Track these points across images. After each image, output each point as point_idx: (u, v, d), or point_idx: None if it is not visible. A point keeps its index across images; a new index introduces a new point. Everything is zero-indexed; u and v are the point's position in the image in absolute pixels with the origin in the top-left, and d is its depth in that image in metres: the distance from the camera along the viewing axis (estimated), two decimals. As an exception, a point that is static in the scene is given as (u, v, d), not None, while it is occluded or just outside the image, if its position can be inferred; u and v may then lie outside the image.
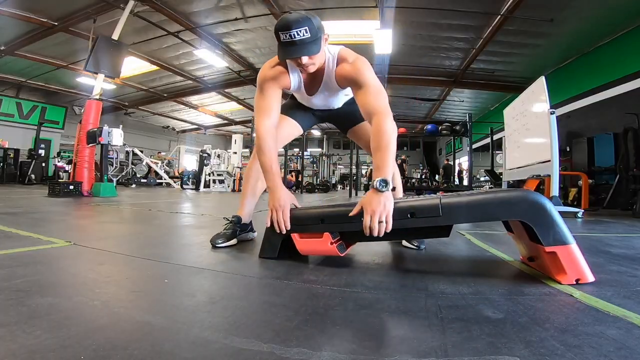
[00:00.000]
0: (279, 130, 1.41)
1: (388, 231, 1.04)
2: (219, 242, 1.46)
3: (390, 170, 1.11)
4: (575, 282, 0.99)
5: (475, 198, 1.06)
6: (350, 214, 1.11)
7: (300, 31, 1.08)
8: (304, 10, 6.24)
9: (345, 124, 1.72)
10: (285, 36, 1.10)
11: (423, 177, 10.90)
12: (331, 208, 1.23)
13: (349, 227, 1.14)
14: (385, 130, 1.15)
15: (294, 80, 1.37)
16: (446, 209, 1.05)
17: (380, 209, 1.04)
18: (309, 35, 1.10)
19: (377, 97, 1.23)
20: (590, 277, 1.00)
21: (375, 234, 1.03)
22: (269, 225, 1.24)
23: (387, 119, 1.17)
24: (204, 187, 9.51)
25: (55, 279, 0.94)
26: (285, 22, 1.10)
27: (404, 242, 1.61)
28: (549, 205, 1.00)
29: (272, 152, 1.30)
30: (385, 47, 6.61)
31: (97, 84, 5.66)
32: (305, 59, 1.17)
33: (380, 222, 1.04)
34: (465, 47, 7.54)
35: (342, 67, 1.29)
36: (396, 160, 1.41)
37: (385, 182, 1.06)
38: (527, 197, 1.01)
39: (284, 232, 1.21)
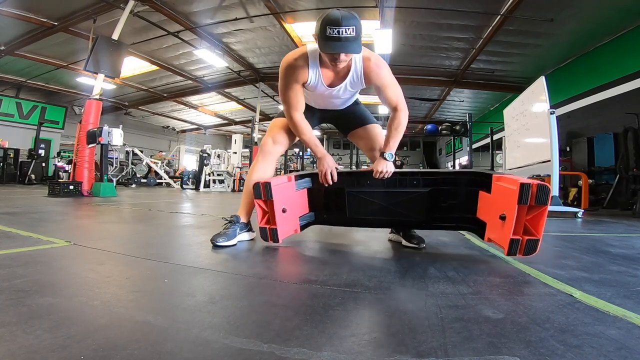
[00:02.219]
0: (286, 132, 1.61)
1: (387, 176, 1.47)
2: (219, 241, 1.47)
3: (395, 149, 1.51)
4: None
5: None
6: (362, 169, 1.60)
7: (348, 29, 1.13)
8: (306, 10, 6.25)
9: (347, 125, 1.76)
10: (333, 31, 1.13)
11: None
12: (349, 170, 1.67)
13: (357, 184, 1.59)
14: (402, 123, 1.48)
15: (312, 75, 1.42)
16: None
17: (385, 168, 1.47)
18: (354, 35, 1.16)
19: (399, 95, 1.50)
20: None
21: (380, 177, 1.47)
22: (325, 183, 1.53)
23: (405, 114, 1.50)
24: (204, 187, 9.51)
25: (55, 279, 0.94)
26: (336, 18, 1.13)
27: (404, 242, 1.61)
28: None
29: (310, 130, 1.55)
30: (385, 47, 6.60)
31: (97, 84, 5.66)
32: (342, 56, 1.23)
33: (382, 173, 1.46)
34: (465, 47, 7.53)
35: (369, 66, 1.42)
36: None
37: (391, 155, 1.48)
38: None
39: (331, 184, 1.53)
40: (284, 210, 1.47)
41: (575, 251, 1.57)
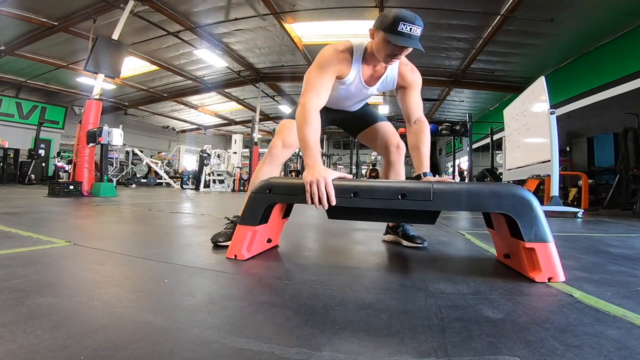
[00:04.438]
0: (289, 132, 1.52)
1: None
2: (220, 240, 1.47)
3: (428, 165, 1.43)
4: (547, 280, 1.02)
5: (466, 186, 1.10)
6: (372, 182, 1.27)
7: (417, 29, 1.21)
8: (306, 10, 6.25)
9: (357, 126, 1.77)
10: (405, 27, 1.19)
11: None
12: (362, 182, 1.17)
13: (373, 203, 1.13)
14: (429, 136, 1.47)
15: (354, 71, 1.42)
16: (438, 194, 1.07)
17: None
18: (419, 35, 1.23)
19: (421, 103, 1.50)
20: (562, 277, 1.03)
21: None
22: (309, 203, 1.13)
23: (428, 126, 1.48)
24: (204, 187, 9.51)
25: (55, 279, 0.94)
26: (410, 15, 1.21)
27: (405, 242, 1.61)
28: (535, 202, 1.04)
29: (317, 128, 1.27)
30: (385, 47, 6.60)
31: (97, 84, 5.66)
32: (403, 52, 1.28)
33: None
34: (465, 47, 7.54)
35: (405, 69, 1.45)
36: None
37: (426, 174, 1.39)
38: (515, 192, 1.06)
39: (326, 207, 1.12)
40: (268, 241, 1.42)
41: (575, 251, 1.57)
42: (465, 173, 9.57)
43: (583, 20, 5.84)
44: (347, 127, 1.82)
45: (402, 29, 1.19)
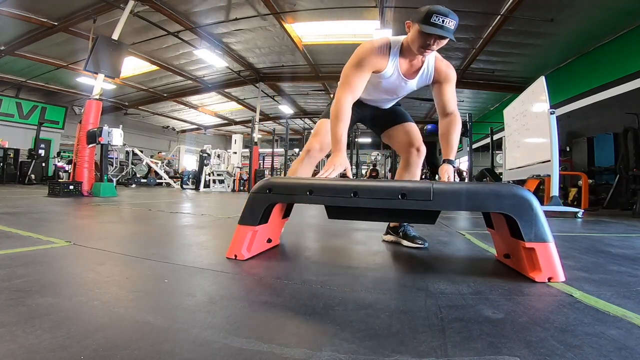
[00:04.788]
0: (326, 135, 1.59)
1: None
2: None
3: (455, 154, 1.53)
4: (547, 280, 1.03)
5: (466, 186, 1.11)
6: (442, 180, 1.39)
7: (451, 22, 1.26)
8: (306, 10, 6.25)
9: (384, 123, 1.80)
10: (438, 19, 1.25)
11: (423, 177, 10.92)
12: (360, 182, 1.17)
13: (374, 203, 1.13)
14: (459, 128, 1.54)
15: (391, 64, 1.46)
16: (438, 194, 1.07)
17: (452, 173, 1.48)
18: (453, 28, 1.28)
19: (455, 98, 1.55)
20: (562, 277, 1.04)
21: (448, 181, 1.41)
22: (326, 175, 1.31)
23: (460, 119, 1.56)
24: (204, 187, 9.51)
25: (55, 279, 0.94)
26: (443, 9, 1.26)
27: (405, 242, 1.61)
28: (535, 202, 1.05)
29: (347, 123, 1.43)
30: (385, 47, 6.60)
31: (97, 84, 5.66)
32: (435, 45, 1.31)
33: (449, 178, 1.45)
34: (465, 47, 7.54)
35: (440, 64, 1.51)
36: (397, 162, 1.53)
37: (450, 161, 1.50)
38: (515, 192, 1.05)
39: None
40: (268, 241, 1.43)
41: (575, 251, 1.57)
42: (465, 173, 9.58)
43: (583, 20, 5.84)
44: (374, 124, 1.84)
45: (435, 20, 1.25)
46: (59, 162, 10.79)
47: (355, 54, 1.45)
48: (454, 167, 1.49)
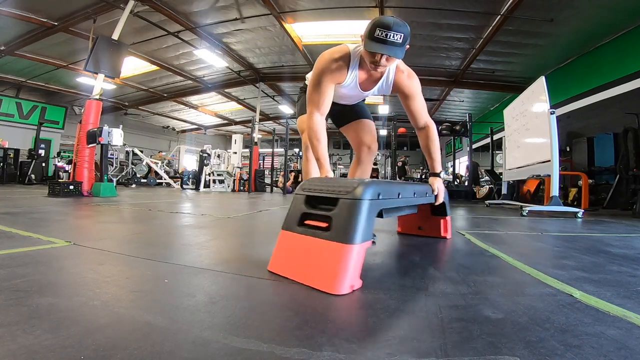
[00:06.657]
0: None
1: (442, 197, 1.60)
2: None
3: (440, 165, 1.61)
4: (446, 236, 1.78)
5: (410, 185, 1.39)
6: (435, 193, 1.59)
7: (396, 35, 1.17)
8: (306, 10, 6.25)
9: (344, 117, 1.81)
10: (381, 33, 1.17)
11: (423, 177, 10.90)
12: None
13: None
14: (437, 139, 1.58)
15: (351, 76, 1.43)
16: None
17: (442, 186, 1.60)
18: (400, 42, 1.20)
19: (425, 109, 1.55)
20: (449, 234, 1.80)
21: (441, 199, 1.59)
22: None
23: (435, 127, 1.58)
24: (204, 187, 9.50)
25: (55, 279, 0.94)
26: (387, 22, 1.18)
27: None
28: (447, 196, 1.69)
29: (325, 141, 1.41)
30: (385, 47, 6.60)
31: (97, 84, 5.66)
32: (383, 60, 1.24)
33: (439, 191, 1.58)
34: (465, 47, 7.54)
35: (401, 77, 1.46)
36: (397, 162, 1.56)
37: (439, 172, 1.59)
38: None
39: None
40: None
41: (575, 251, 1.57)
42: (465, 174, 9.57)
43: (583, 20, 5.84)
44: (337, 117, 1.85)
45: (378, 35, 1.17)
46: (59, 162, 10.79)
47: (315, 69, 1.42)
48: (440, 178, 1.59)
